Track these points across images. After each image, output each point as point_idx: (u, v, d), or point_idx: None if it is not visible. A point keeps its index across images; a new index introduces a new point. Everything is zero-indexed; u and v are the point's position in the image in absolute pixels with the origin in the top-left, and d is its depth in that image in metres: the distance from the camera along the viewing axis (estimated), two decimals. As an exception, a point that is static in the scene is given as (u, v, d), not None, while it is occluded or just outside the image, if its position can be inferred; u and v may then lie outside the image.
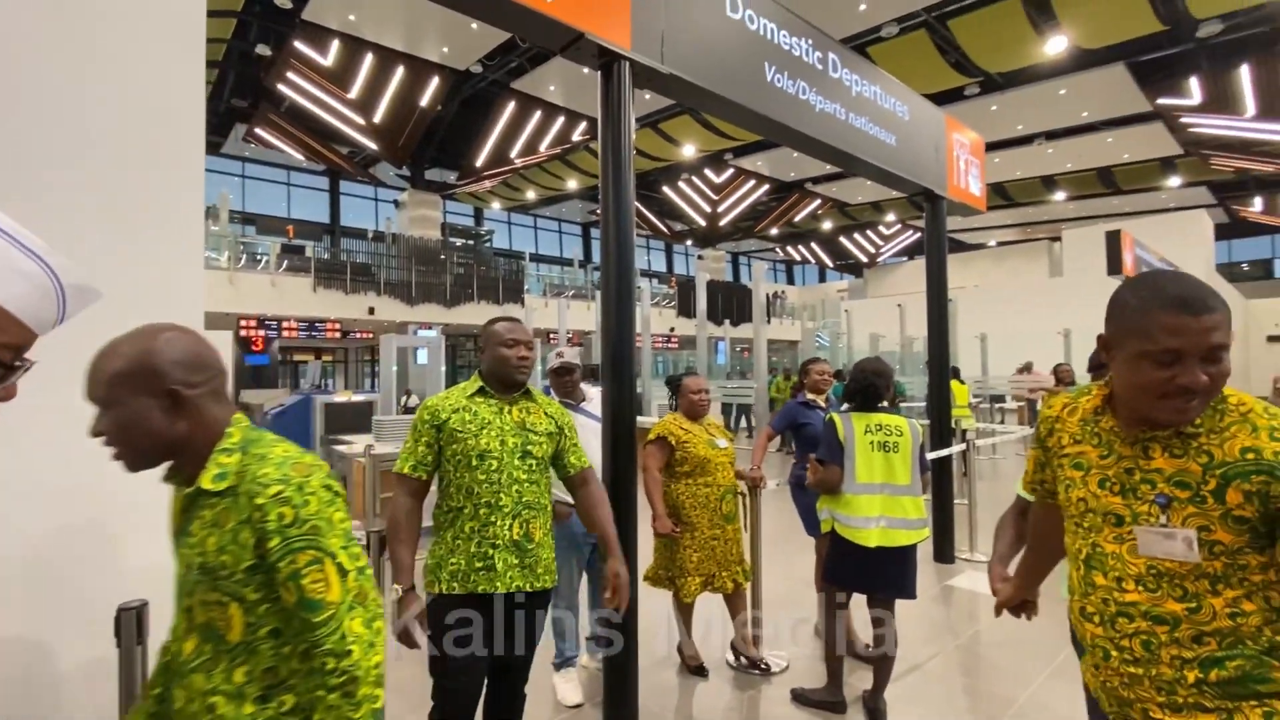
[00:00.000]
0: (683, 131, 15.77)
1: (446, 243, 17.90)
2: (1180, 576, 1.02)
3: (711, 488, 2.84)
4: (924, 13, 11.08)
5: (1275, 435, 0.99)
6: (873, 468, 2.64)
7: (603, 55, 2.54)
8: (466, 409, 1.82)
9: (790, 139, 3.49)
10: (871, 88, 3.96)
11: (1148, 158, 17.52)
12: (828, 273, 37.99)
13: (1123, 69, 12.62)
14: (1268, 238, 26.29)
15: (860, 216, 24.65)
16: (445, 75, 13.70)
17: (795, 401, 3.56)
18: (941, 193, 4.67)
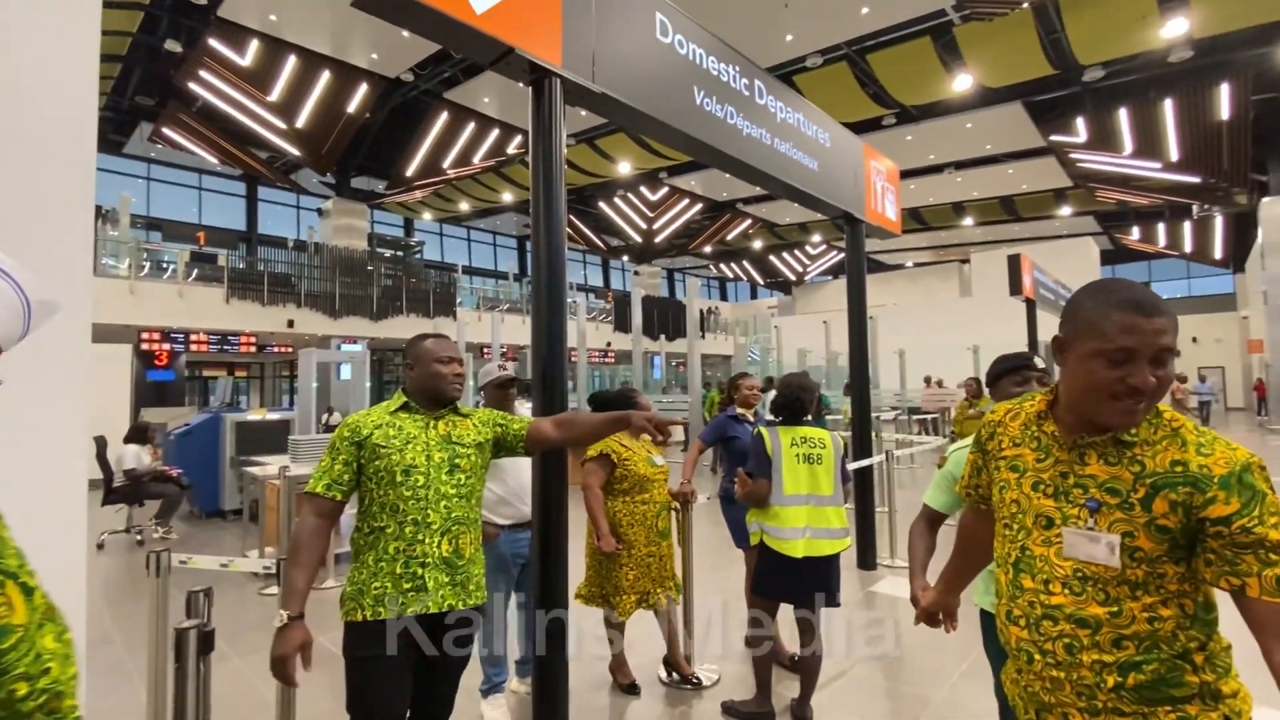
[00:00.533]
0: (619, 149, 15.94)
1: (374, 253, 17.26)
2: (1104, 581, 1.05)
3: (649, 505, 2.84)
4: (845, 46, 11.72)
5: (1201, 450, 1.04)
6: (798, 480, 2.71)
7: (533, 71, 2.53)
8: (390, 424, 1.76)
9: (719, 161, 3.59)
10: (795, 115, 4.13)
11: (1043, 188, 19.10)
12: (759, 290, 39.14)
13: (1020, 107, 13.75)
14: (1145, 263, 29.11)
15: (788, 237, 25.60)
16: (374, 82, 13.31)
17: (725, 415, 3.62)
18: (860, 216, 4.91)
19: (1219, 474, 1.01)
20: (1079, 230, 23.57)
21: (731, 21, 10.55)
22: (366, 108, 13.99)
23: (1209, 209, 18.66)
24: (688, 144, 3.33)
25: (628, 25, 2.91)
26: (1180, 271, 28.32)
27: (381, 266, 16.32)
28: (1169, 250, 24.29)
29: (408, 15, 2.28)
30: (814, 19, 10.89)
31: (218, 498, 6.94)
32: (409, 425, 1.77)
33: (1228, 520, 0.99)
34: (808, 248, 28.33)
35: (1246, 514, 0.98)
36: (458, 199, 19.98)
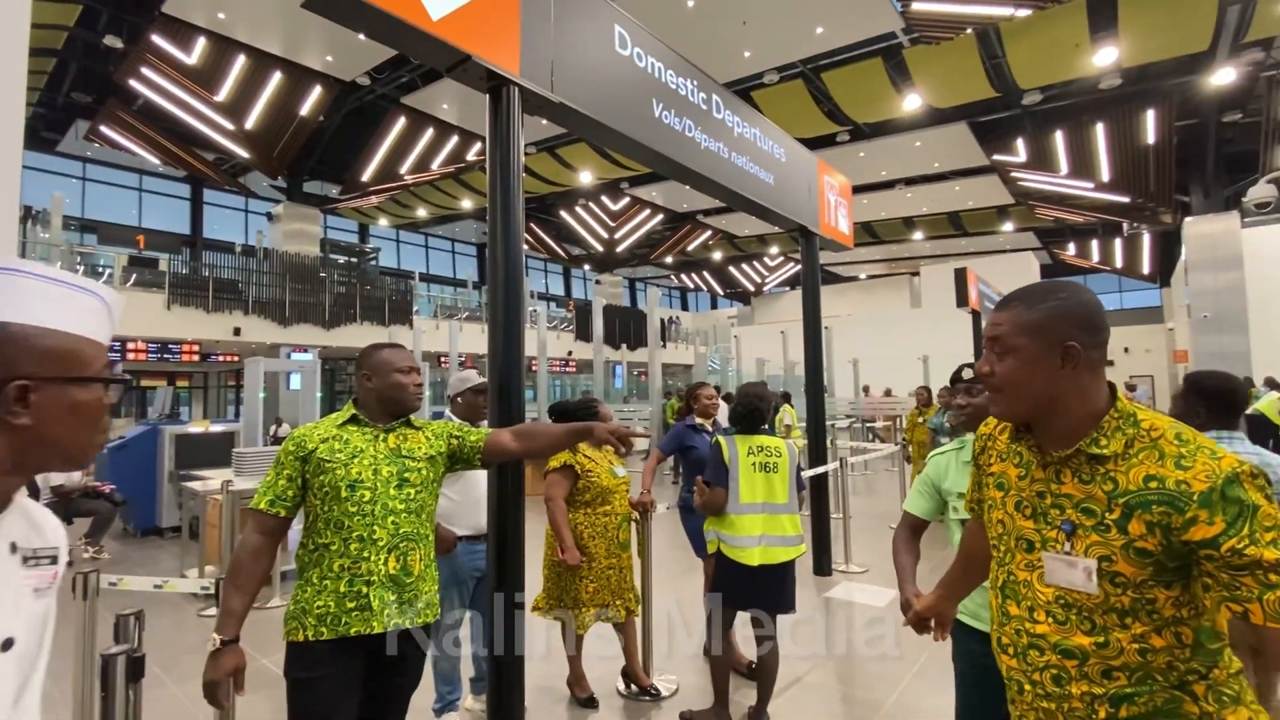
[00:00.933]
0: (580, 158, 15.94)
1: (327, 259, 16.79)
2: (1089, 609, 0.97)
3: (610, 516, 2.83)
4: (800, 64, 12.03)
5: (1182, 463, 0.93)
6: (754, 488, 2.74)
7: (491, 79, 2.52)
8: (337, 438, 1.71)
9: (677, 173, 3.62)
10: (751, 130, 4.21)
11: (987, 205, 19.94)
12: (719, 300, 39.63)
13: (965, 127, 14.35)
14: (1080, 277, 30.67)
15: (747, 248, 26.02)
16: (329, 85, 12.99)
17: (683, 424, 3.63)
18: (814, 229, 5.03)
19: (1198, 490, 0.91)
20: (1020, 245, 24.68)
21: (691, 37, 10.71)
22: (320, 111, 13.63)
23: (1137, 227, 19.81)
24: (646, 155, 3.36)
25: (586, 36, 2.92)
26: (1113, 286, 29.92)
27: (335, 273, 15.88)
28: (1102, 265, 25.65)
29: (361, 19, 2.24)
30: (771, 37, 11.16)
31: (154, 515, 6.59)
32: (357, 438, 1.71)
33: (1215, 542, 0.89)
34: (766, 259, 28.86)
35: (1235, 533, 0.88)
36: (415, 205, 19.63)
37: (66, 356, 0.74)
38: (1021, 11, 9.49)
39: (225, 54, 11.73)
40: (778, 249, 25.93)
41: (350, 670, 1.61)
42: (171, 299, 12.85)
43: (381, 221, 22.10)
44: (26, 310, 0.72)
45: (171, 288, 12.90)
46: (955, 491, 1.87)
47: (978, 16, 9.79)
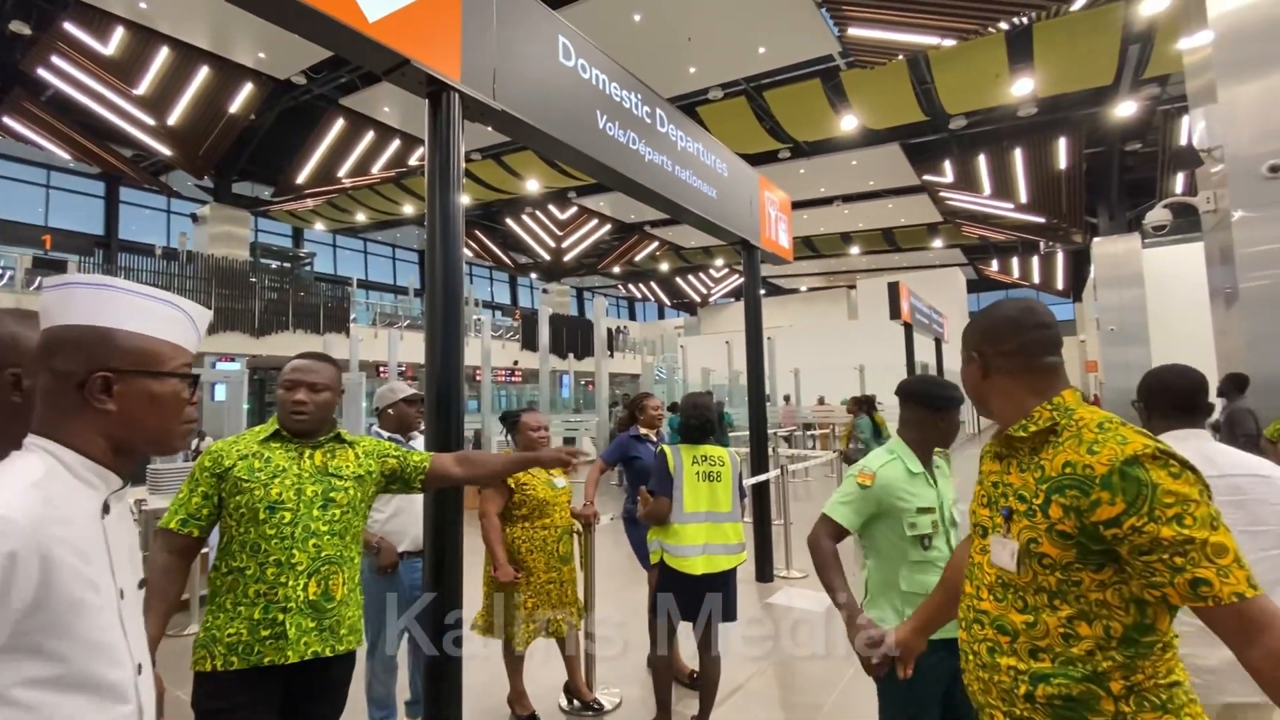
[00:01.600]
0: (526, 166, 15.82)
1: (257, 264, 16.01)
2: (1021, 588, 1.04)
3: (549, 530, 2.77)
4: (743, 82, 12.35)
5: (1094, 449, 0.98)
6: (699, 497, 2.75)
7: (431, 84, 2.46)
8: (258, 455, 1.62)
9: (621, 184, 3.64)
10: (695, 144, 4.28)
11: (918, 222, 20.94)
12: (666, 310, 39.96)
13: (898, 148, 15.05)
14: (1003, 292, 32.58)
15: (694, 260, 26.39)
16: (262, 82, 12.44)
17: (627, 435, 3.63)
18: (755, 243, 5.15)
19: (1100, 473, 0.95)
20: (949, 261, 26.02)
21: (638, 51, 10.84)
22: (251, 109, 13.03)
23: (1052, 246, 21.21)
24: (590, 166, 3.36)
25: (530, 46, 2.90)
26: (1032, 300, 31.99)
27: (266, 278, 15.13)
28: (1022, 281, 27.31)
29: (292, 17, 2.16)
30: (715, 55, 11.41)
31: (58, 536, 6.05)
32: (279, 456, 1.63)
33: (1118, 521, 0.93)
34: (712, 271, 29.34)
35: (1135, 512, 0.92)
36: (354, 209, 18.99)
37: (146, 355, 0.89)
38: (947, 41, 10.06)
39: (147, 46, 11.07)
40: (723, 261, 26.41)
41: (264, 701, 1.52)
42: (82, 304, 11.94)
43: (317, 226, 21.28)
44: (116, 317, 0.88)
45: (82, 292, 11.98)
46: (915, 506, 1.78)
47: (908, 44, 10.31)
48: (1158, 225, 6.43)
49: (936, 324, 13.55)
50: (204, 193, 17.17)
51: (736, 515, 2.84)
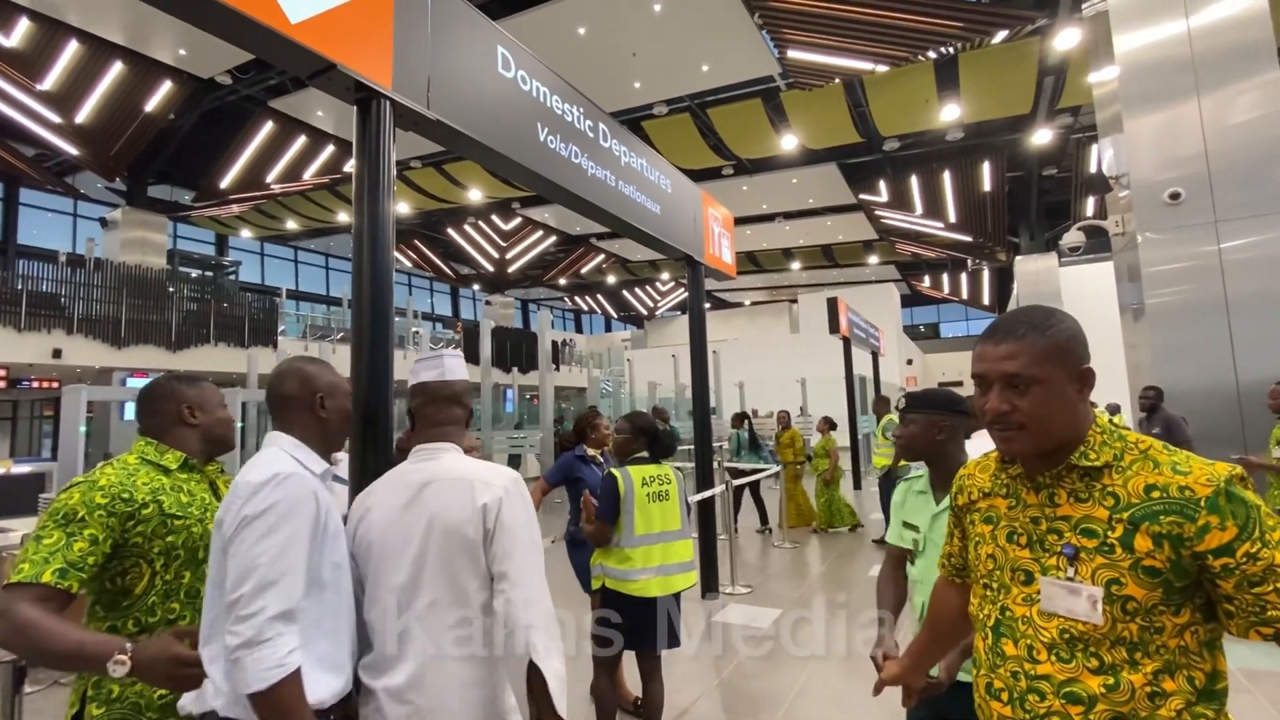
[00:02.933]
0: (468, 175, 15.55)
1: (175, 272, 15.08)
2: (1094, 643, 0.89)
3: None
4: (687, 99, 12.56)
5: (1179, 469, 0.89)
6: (650, 518, 2.72)
7: (359, 90, 2.36)
8: (179, 489, 1.47)
9: (564, 198, 3.60)
10: (638, 160, 4.28)
11: (855, 239, 21.77)
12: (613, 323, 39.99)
13: (835, 168, 15.63)
14: (935, 306, 34.22)
15: (640, 273, 26.54)
16: (182, 81, 11.77)
17: (572, 455, 3.55)
18: (699, 259, 5.19)
19: (1204, 495, 0.86)
20: (884, 277, 27.14)
21: (582, 64, 10.86)
22: (170, 108, 12.30)
23: (979, 263, 22.45)
24: (531, 179, 3.30)
25: (467, 55, 2.83)
26: (961, 314, 33.66)
27: (185, 288, 14.25)
28: (952, 296, 28.78)
29: (207, 17, 2.03)
30: (659, 70, 11.56)
31: (-69, 575, 5.45)
32: (195, 486, 1.52)
33: (1230, 549, 0.84)
34: (659, 284, 29.57)
35: (1248, 537, 0.84)
36: (284, 216, 18.18)
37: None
38: (880, 67, 10.54)
39: (54, 38, 10.30)
40: (669, 275, 26.67)
41: None
42: (-30, 315, 10.91)
43: (244, 233, 20.25)
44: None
45: (-30, 302, 10.96)
46: (902, 519, 1.81)
47: (843, 69, 10.74)
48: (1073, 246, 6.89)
49: (873, 338, 14.04)
50: (116, 196, 16.06)
51: (687, 532, 2.83)
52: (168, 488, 1.44)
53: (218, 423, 1.63)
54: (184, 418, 1.57)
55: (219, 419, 1.63)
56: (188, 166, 15.12)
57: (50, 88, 11.00)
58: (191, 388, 1.64)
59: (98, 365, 12.18)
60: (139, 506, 1.38)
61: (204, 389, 1.66)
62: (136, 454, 1.50)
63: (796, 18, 9.53)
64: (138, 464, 1.48)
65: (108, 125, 12.11)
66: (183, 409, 1.58)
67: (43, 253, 15.94)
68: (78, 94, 11.29)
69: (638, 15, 9.99)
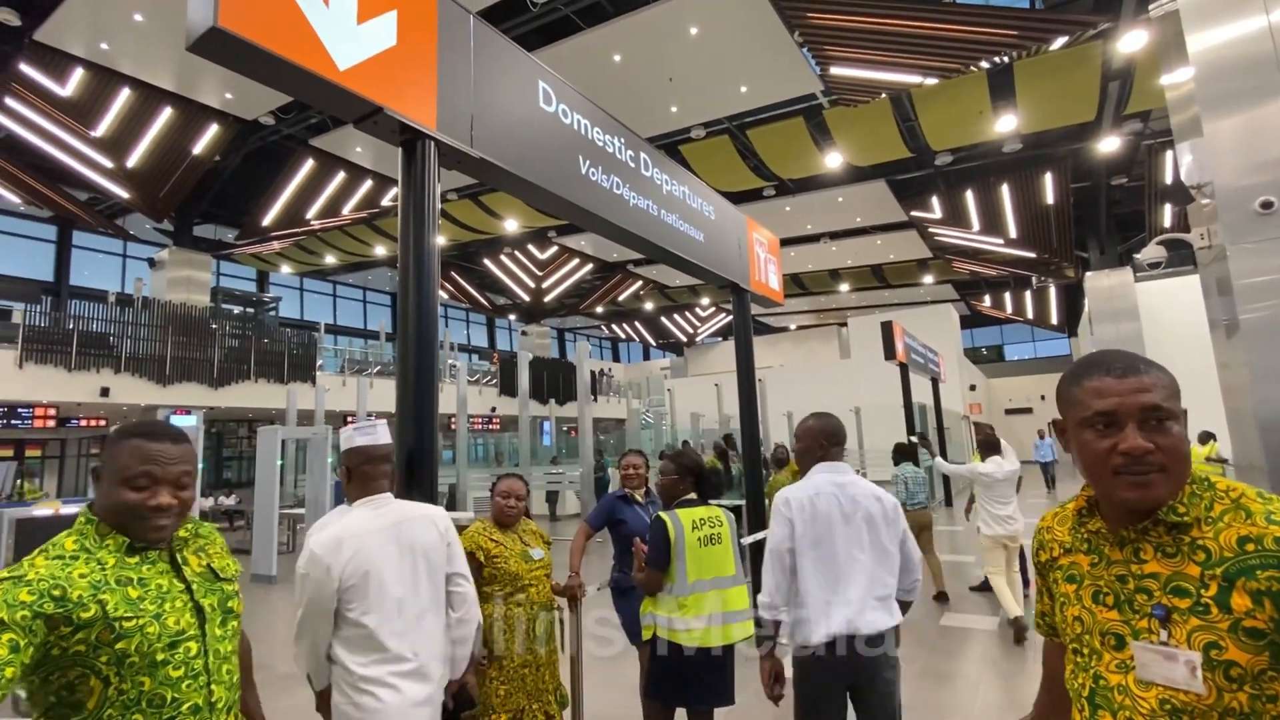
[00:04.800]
0: (504, 206, 16.00)
1: (218, 309, 15.85)
2: (1200, 714, 0.82)
3: (524, 607, 2.64)
4: (725, 121, 12.71)
5: (1274, 518, 0.85)
6: (702, 564, 2.66)
7: (404, 132, 2.46)
8: (129, 582, 1.21)
9: (606, 230, 3.64)
10: (680, 187, 4.32)
11: (907, 258, 21.42)
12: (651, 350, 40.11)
13: (884, 185, 15.48)
14: (997, 327, 33.20)
15: (679, 299, 26.65)
16: (227, 123, 12.55)
17: (614, 496, 3.52)
18: (745, 286, 5.18)
19: None
20: (941, 297, 26.54)
21: (619, 91, 11.14)
22: (216, 150, 13.11)
23: (1044, 281, 21.75)
24: (573, 212, 3.36)
25: (509, 91, 2.93)
26: (1026, 335, 32.56)
27: (227, 325, 14.98)
28: (1015, 316, 27.91)
29: (258, 67, 2.14)
30: (696, 93, 11.76)
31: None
32: (149, 572, 1.25)
33: None
34: (698, 310, 29.64)
35: None
36: (323, 251, 19.00)
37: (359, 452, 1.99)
38: (929, 80, 10.46)
39: (107, 86, 11.15)
40: (709, 299, 26.70)
41: None
42: (25, 355, 11.66)
43: (284, 269, 21.23)
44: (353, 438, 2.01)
45: (25, 342, 11.72)
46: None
47: (890, 83, 10.71)
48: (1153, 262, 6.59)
49: (932, 363, 13.69)
50: (163, 236, 17.07)
51: (742, 578, 2.75)
52: (112, 581, 1.19)
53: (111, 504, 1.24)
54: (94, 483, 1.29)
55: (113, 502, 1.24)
56: (231, 205, 16.00)
57: (103, 134, 11.87)
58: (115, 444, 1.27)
59: (143, 403, 12.83)
60: (75, 608, 1.13)
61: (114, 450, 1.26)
62: (75, 536, 1.24)
63: (839, 34, 9.58)
64: (75, 550, 1.22)
65: (157, 168, 12.96)
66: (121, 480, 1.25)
67: (93, 293, 17.02)
68: (129, 139, 12.14)
69: (674, 39, 10.22)
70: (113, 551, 1.23)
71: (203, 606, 1.30)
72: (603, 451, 15.68)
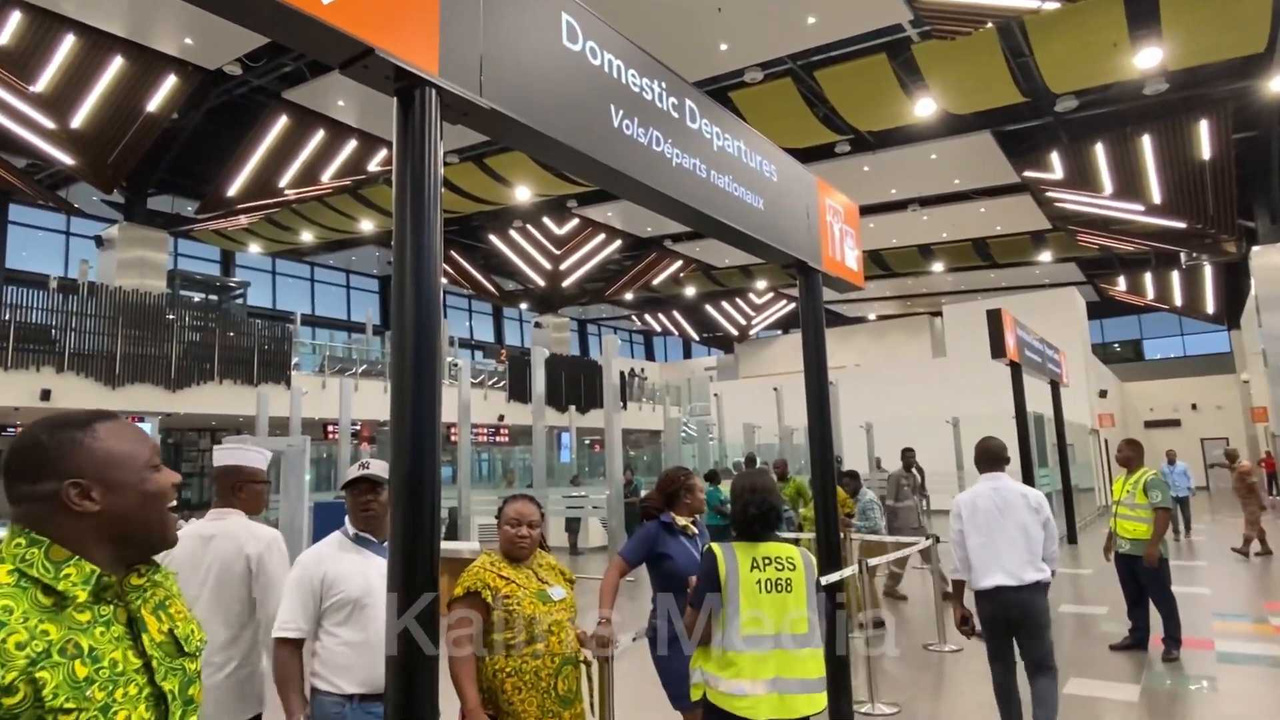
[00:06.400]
0: (515, 169, 16.16)
1: (176, 297, 16.34)
2: None
3: (542, 659, 2.64)
4: (789, 60, 12.59)
5: None
6: (762, 614, 2.64)
7: (400, 78, 2.47)
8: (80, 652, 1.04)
9: (642, 196, 3.62)
10: (735, 142, 4.28)
11: (1019, 230, 20.94)
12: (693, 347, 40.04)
13: (989, 138, 15.16)
14: (1134, 317, 32.21)
15: (728, 282, 26.55)
16: (186, 74, 12.93)
17: (655, 524, 3.51)
18: (816, 266, 5.09)
19: None
20: (1061, 279, 25.89)
21: (655, 26, 11.12)
22: (174, 106, 13.53)
23: (1197, 258, 21.03)
24: (604, 175, 3.35)
25: (526, 27, 2.93)
26: (1173, 328, 31.52)
27: (186, 315, 15.45)
28: (1159, 304, 27.04)
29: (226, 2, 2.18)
30: (752, 26, 11.67)
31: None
32: (102, 638, 1.07)
33: None
34: (752, 296, 29.48)
35: None
36: (299, 227, 19.46)
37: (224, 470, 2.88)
38: (1049, 4, 10.19)
39: (48, 33, 11.60)
40: (766, 283, 26.53)
41: None
42: (-47, 353, 12.22)
43: (252, 248, 21.81)
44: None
45: (-47, 338, 12.27)
46: None
47: (998, 9, 10.46)
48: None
49: (1052, 362, 13.34)
50: (113, 210, 17.70)
51: (816, 638, 2.70)
52: (56, 646, 1.01)
53: (138, 504, 1.16)
54: (77, 502, 1.10)
55: (142, 494, 1.16)
56: (191, 173, 16.49)
57: (43, 89, 12.35)
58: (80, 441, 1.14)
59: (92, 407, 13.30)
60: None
61: (104, 440, 1.15)
62: (11, 563, 1.06)
63: (933, -52, 9.42)
64: (13, 588, 1.03)
65: (106, 129, 13.42)
66: (65, 487, 1.09)
67: (32, 278, 17.72)
68: (73, 95, 12.60)
69: (724, -40, 10.17)
70: (75, 595, 1.06)
71: (164, 694, 1.12)
72: (634, 470, 15.73)
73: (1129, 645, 6.21)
